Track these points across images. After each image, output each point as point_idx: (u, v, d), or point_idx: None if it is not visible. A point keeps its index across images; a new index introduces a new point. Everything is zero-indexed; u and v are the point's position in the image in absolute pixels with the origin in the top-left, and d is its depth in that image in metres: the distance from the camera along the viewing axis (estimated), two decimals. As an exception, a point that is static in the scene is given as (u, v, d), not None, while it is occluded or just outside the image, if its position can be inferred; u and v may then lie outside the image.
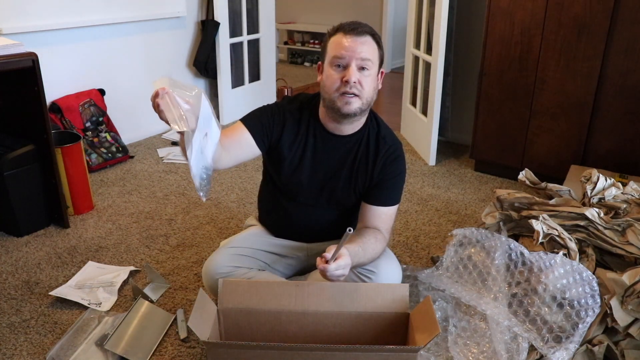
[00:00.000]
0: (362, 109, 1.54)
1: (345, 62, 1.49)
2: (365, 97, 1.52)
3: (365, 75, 1.50)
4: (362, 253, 1.51)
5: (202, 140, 1.29)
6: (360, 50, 1.48)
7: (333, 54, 1.50)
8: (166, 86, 1.24)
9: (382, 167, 1.63)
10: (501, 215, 1.99)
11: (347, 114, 1.53)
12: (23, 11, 2.78)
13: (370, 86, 1.52)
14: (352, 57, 1.48)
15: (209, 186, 1.32)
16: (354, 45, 1.48)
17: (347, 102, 1.50)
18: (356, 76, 1.48)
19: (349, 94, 1.49)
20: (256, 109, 1.66)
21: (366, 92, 1.51)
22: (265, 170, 1.78)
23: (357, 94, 1.50)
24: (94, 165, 3.06)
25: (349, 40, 1.49)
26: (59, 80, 3.04)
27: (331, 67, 1.51)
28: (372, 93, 1.55)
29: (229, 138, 1.56)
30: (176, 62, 3.80)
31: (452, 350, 1.63)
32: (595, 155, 2.71)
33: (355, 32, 1.49)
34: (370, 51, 1.50)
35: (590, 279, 1.59)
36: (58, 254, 2.24)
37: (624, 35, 2.48)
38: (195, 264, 2.17)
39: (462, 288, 1.79)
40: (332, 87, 1.51)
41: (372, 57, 1.50)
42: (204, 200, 1.32)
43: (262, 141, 1.61)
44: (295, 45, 6.96)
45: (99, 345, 1.66)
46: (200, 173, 1.29)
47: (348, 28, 1.50)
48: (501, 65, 2.86)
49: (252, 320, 1.48)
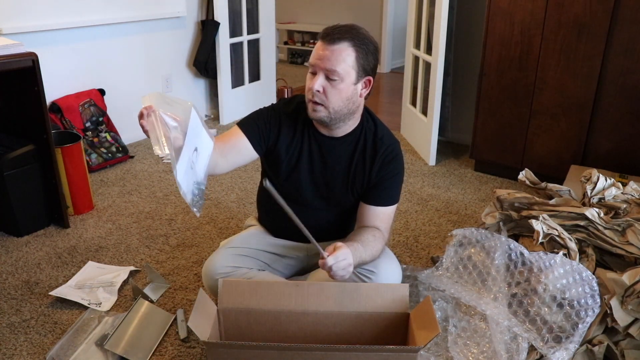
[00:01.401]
0: (331, 117, 1.53)
1: (314, 70, 1.48)
2: (332, 107, 1.50)
3: (332, 85, 1.47)
4: (362, 249, 1.50)
5: (192, 155, 1.26)
6: (327, 59, 1.44)
7: (310, 60, 1.51)
8: (154, 103, 1.23)
9: (380, 167, 1.63)
10: (501, 215, 1.99)
11: (316, 120, 1.55)
12: (23, 11, 2.78)
13: (337, 97, 1.48)
14: (319, 65, 1.46)
15: (202, 201, 1.29)
16: (322, 54, 1.45)
17: (314, 109, 1.51)
18: (320, 85, 1.47)
19: (312, 100, 1.50)
20: (252, 112, 1.66)
21: (332, 103, 1.49)
22: (264, 171, 1.78)
23: (321, 103, 1.49)
24: (94, 165, 3.06)
25: (321, 47, 1.46)
26: (59, 80, 3.04)
27: (308, 73, 1.53)
28: (342, 104, 1.50)
29: (226, 143, 1.56)
30: (176, 62, 3.80)
31: (452, 350, 1.63)
32: (595, 155, 2.71)
33: (328, 39, 1.45)
34: (341, 61, 1.44)
35: (590, 279, 1.59)
36: (58, 254, 2.24)
37: (624, 35, 2.48)
38: (195, 264, 2.17)
39: (462, 288, 1.79)
40: (306, 92, 1.53)
41: (340, 67, 1.44)
42: (198, 215, 1.31)
43: (259, 145, 1.61)
44: (295, 45, 6.96)
45: (99, 345, 1.66)
46: (191, 189, 1.26)
47: (325, 35, 1.46)
48: (501, 65, 2.86)
49: (252, 320, 1.48)
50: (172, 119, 1.23)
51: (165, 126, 1.21)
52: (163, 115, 1.22)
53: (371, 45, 1.49)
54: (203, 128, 1.31)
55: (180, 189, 1.22)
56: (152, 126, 1.21)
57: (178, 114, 1.25)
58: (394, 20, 6.24)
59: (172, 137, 1.22)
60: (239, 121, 1.64)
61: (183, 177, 1.23)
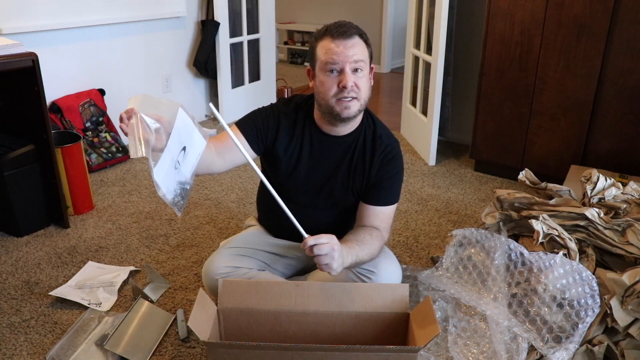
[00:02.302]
0: (361, 109, 1.55)
1: (339, 67, 1.48)
2: (363, 97, 1.53)
3: (360, 76, 1.50)
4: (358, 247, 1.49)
5: (178, 155, 1.26)
6: (352, 53, 1.47)
7: (324, 59, 1.49)
8: (139, 105, 1.22)
9: (380, 167, 1.63)
10: (501, 215, 1.99)
11: (347, 117, 1.53)
12: (23, 11, 2.78)
13: (366, 86, 1.53)
14: (344, 61, 1.47)
15: (183, 202, 1.28)
16: (344, 50, 1.47)
17: (346, 106, 1.50)
18: (352, 80, 1.48)
19: (347, 97, 1.49)
20: (251, 112, 1.66)
21: (363, 93, 1.52)
22: (263, 171, 1.78)
23: (356, 97, 1.50)
24: (94, 165, 3.06)
25: (339, 44, 1.47)
26: (59, 80, 3.04)
27: (324, 73, 1.50)
28: (368, 92, 1.55)
29: (223, 143, 1.55)
30: (176, 62, 3.80)
31: (452, 351, 1.63)
32: (595, 155, 2.71)
33: (344, 36, 1.48)
34: (361, 52, 1.49)
35: (590, 279, 1.59)
36: (58, 254, 2.24)
37: (624, 35, 2.48)
38: (195, 264, 2.17)
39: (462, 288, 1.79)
40: (328, 94, 1.50)
41: (364, 57, 1.50)
42: (179, 215, 1.31)
43: (257, 145, 1.61)
44: (295, 45, 6.96)
45: (99, 345, 1.66)
46: (173, 188, 1.25)
47: (336, 32, 1.48)
48: (501, 65, 2.86)
49: (252, 320, 1.48)
50: (154, 120, 1.23)
51: (145, 128, 1.21)
52: (144, 117, 1.21)
53: (367, 36, 1.57)
54: (195, 128, 1.30)
55: (158, 190, 1.21)
56: (131, 128, 1.20)
57: (164, 115, 1.25)
58: (394, 20, 6.25)
59: (153, 138, 1.21)
60: (237, 120, 1.64)
61: (164, 177, 1.22)
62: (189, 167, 1.31)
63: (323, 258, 1.36)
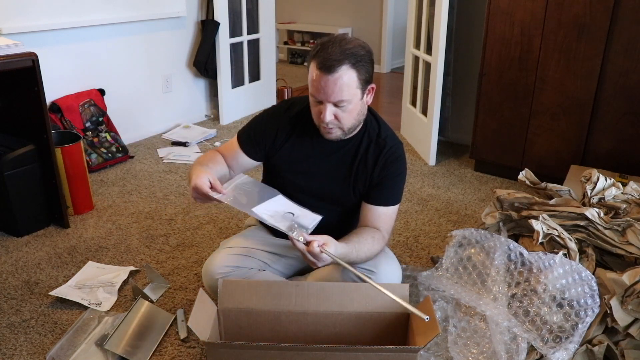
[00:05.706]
0: (346, 134, 1.57)
1: (320, 99, 1.47)
2: (346, 126, 1.52)
3: (343, 110, 1.48)
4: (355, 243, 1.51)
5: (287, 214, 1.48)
6: (332, 91, 1.42)
7: (310, 87, 1.48)
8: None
9: (382, 168, 1.63)
10: (501, 216, 1.99)
11: (330, 140, 1.57)
12: (23, 11, 2.78)
13: (349, 116, 1.50)
14: (325, 98, 1.45)
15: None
16: (325, 87, 1.42)
17: (328, 132, 1.54)
18: (331, 115, 1.47)
19: (327, 126, 1.51)
20: (251, 120, 1.71)
21: (345, 123, 1.51)
22: (265, 171, 1.78)
23: (337, 126, 1.52)
24: (94, 165, 3.06)
25: (321, 78, 1.42)
26: (59, 80, 3.04)
27: (311, 96, 1.51)
28: (355, 119, 1.53)
29: (227, 157, 1.68)
30: (176, 62, 3.80)
31: (452, 351, 1.63)
32: (595, 155, 2.71)
33: (328, 70, 1.40)
34: (346, 86, 1.42)
35: (590, 279, 1.59)
36: (58, 254, 2.24)
37: (624, 35, 2.48)
38: (195, 264, 2.17)
39: (462, 289, 1.79)
40: (314, 116, 1.54)
41: (347, 95, 1.44)
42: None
43: (256, 155, 1.68)
44: (295, 45, 6.96)
45: (99, 345, 1.66)
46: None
47: (321, 64, 1.41)
48: (501, 65, 2.86)
49: (252, 321, 1.48)
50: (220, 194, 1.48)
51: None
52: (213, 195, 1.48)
53: (365, 55, 1.46)
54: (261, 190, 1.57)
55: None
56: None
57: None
58: (394, 20, 6.24)
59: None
60: (238, 132, 1.71)
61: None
62: (309, 222, 1.51)
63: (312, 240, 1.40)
